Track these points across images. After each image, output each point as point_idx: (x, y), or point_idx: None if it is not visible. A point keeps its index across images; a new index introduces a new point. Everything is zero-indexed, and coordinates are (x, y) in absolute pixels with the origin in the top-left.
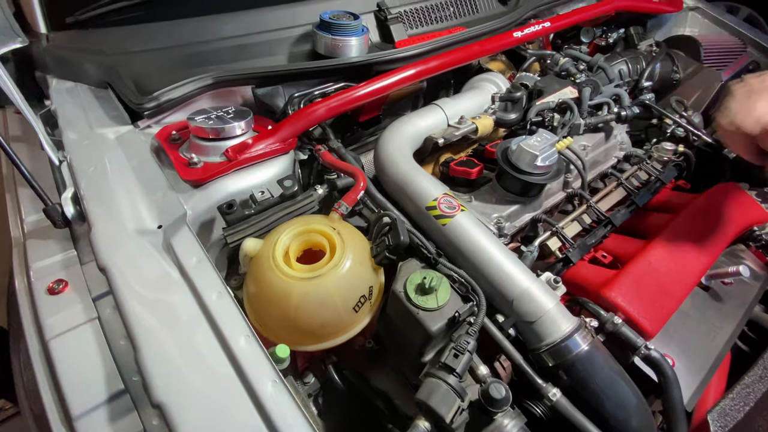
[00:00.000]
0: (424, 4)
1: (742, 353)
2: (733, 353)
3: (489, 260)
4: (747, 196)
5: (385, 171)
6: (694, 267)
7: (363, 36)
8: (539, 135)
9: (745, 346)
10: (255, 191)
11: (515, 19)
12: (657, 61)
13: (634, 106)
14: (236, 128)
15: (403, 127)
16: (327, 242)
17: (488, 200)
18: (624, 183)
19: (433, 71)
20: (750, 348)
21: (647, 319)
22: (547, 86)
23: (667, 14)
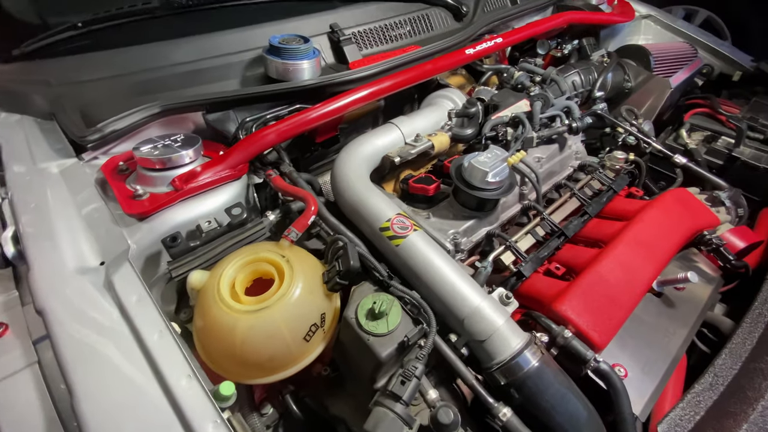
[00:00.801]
0: (377, 24)
1: (704, 356)
2: (695, 356)
3: (441, 279)
4: (697, 201)
5: (340, 193)
6: (643, 275)
7: (314, 59)
8: (490, 151)
9: (706, 348)
10: (202, 221)
11: (469, 36)
12: (608, 71)
13: (587, 116)
14: (184, 157)
15: (358, 148)
16: (276, 271)
17: (446, 216)
18: (577, 193)
19: (387, 91)
20: (711, 350)
21: (596, 331)
22: (503, 100)
23: (619, 24)
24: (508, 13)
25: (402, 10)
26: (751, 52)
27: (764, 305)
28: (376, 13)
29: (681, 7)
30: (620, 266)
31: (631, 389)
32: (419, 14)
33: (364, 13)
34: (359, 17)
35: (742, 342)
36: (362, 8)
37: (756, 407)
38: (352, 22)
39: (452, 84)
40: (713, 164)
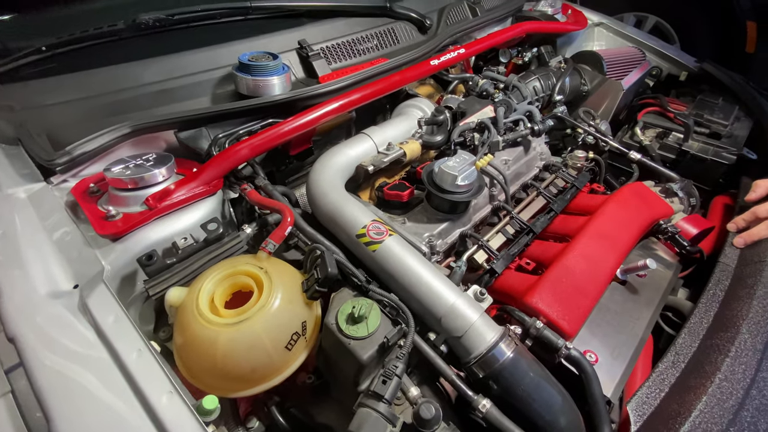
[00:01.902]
0: (345, 39)
1: (670, 337)
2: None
3: (417, 280)
4: (652, 193)
5: (316, 203)
6: (606, 265)
7: (284, 74)
8: (458, 156)
9: (671, 330)
10: (178, 238)
11: (434, 47)
12: (565, 76)
13: (549, 119)
14: (157, 175)
15: (332, 159)
16: (254, 283)
17: (420, 220)
18: (542, 192)
19: (357, 103)
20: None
21: (566, 320)
22: (469, 107)
23: (574, 32)
24: (470, 24)
25: (368, 24)
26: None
27: (717, 286)
28: (344, 29)
29: (632, 14)
30: (585, 258)
31: (602, 373)
32: (385, 28)
33: (331, 28)
34: (327, 33)
35: (700, 321)
36: (329, 24)
37: (713, 380)
38: (320, 38)
39: (421, 93)
40: (666, 158)
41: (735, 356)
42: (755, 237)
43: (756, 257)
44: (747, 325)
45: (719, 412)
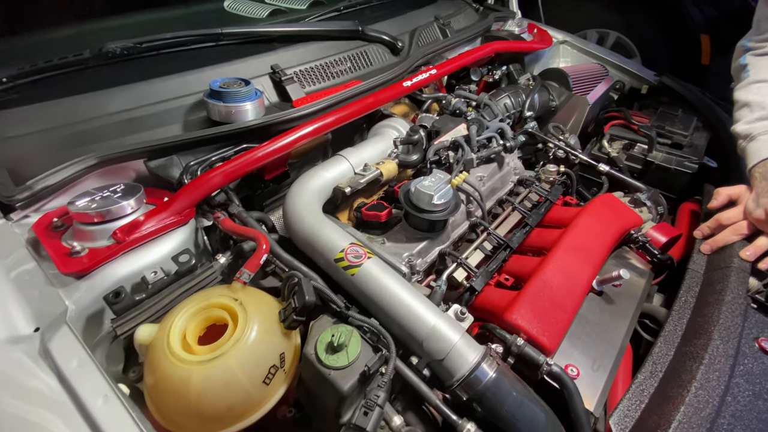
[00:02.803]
0: (319, 62)
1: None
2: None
3: (397, 303)
4: (622, 204)
5: (293, 228)
6: (582, 278)
7: (257, 99)
8: (433, 175)
9: (650, 337)
10: (147, 272)
11: (407, 68)
12: (534, 93)
13: (520, 135)
14: (125, 207)
15: (308, 182)
16: (229, 315)
17: (400, 240)
18: (517, 206)
19: (331, 126)
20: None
21: (545, 336)
22: (443, 125)
23: (540, 50)
24: (441, 45)
25: (342, 48)
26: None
27: (688, 293)
28: (317, 52)
29: (594, 30)
30: (561, 271)
31: (585, 386)
32: (358, 51)
33: (304, 52)
34: (300, 57)
35: (674, 329)
36: (302, 48)
37: (690, 389)
38: (294, 62)
39: (397, 113)
40: (633, 169)
41: (709, 363)
42: (720, 243)
43: (722, 263)
44: (718, 331)
45: (697, 421)
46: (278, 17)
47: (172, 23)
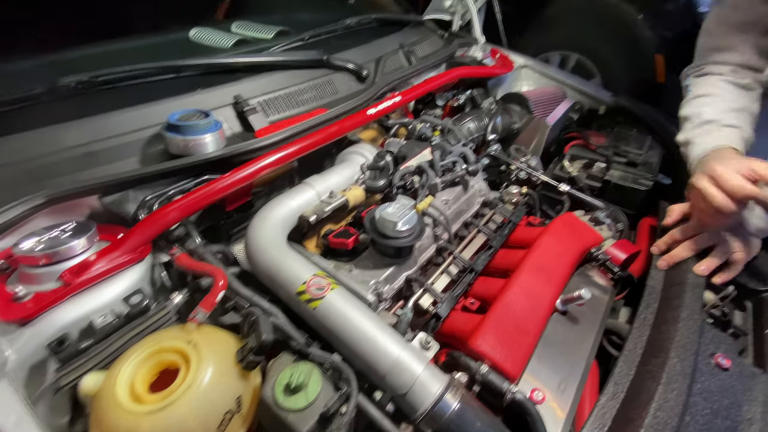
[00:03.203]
0: (283, 91)
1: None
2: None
3: (360, 336)
4: (582, 223)
5: (254, 261)
6: (545, 299)
7: (217, 131)
8: (397, 202)
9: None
10: (96, 316)
11: (372, 95)
12: (496, 116)
13: (483, 157)
14: (74, 247)
15: (271, 212)
16: (181, 359)
17: (367, 266)
18: (482, 229)
19: (295, 155)
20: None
21: (509, 362)
22: (409, 151)
23: (502, 74)
24: (406, 72)
25: (307, 76)
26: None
27: (647, 310)
28: (282, 81)
29: (557, 52)
30: (524, 294)
31: (551, 409)
32: (324, 79)
33: (269, 82)
34: (264, 86)
35: (634, 347)
36: (266, 78)
37: (649, 410)
38: (258, 91)
39: (365, 138)
40: (593, 187)
41: (666, 383)
42: (676, 259)
43: (678, 278)
44: (675, 349)
45: None
46: (244, 47)
47: (136, 53)
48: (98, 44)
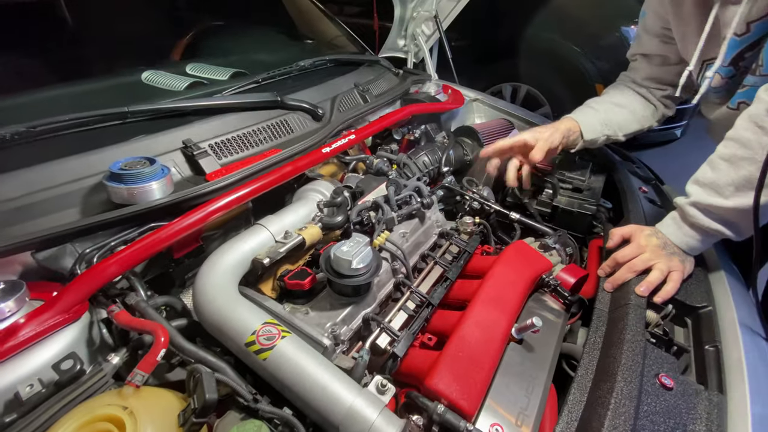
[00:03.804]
0: (236, 133)
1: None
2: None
3: (312, 385)
4: (532, 250)
5: (201, 312)
6: (499, 329)
7: (164, 177)
8: (352, 240)
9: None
10: (22, 386)
11: (328, 133)
12: (449, 149)
13: (438, 189)
14: (1, 310)
15: (222, 258)
16: (117, 428)
17: (324, 307)
18: (438, 261)
19: (246, 198)
20: None
21: (464, 399)
22: (366, 186)
23: (454, 109)
24: (361, 110)
25: (261, 117)
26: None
27: (596, 333)
28: (235, 123)
29: (508, 84)
30: (478, 326)
31: None
32: (279, 120)
33: (221, 124)
34: (216, 129)
35: (585, 373)
36: (219, 120)
37: None
38: (210, 134)
39: (325, 173)
40: (544, 213)
41: (614, 408)
42: (619, 281)
43: (623, 300)
44: (621, 372)
45: None
46: (197, 89)
47: (86, 97)
48: (45, 89)
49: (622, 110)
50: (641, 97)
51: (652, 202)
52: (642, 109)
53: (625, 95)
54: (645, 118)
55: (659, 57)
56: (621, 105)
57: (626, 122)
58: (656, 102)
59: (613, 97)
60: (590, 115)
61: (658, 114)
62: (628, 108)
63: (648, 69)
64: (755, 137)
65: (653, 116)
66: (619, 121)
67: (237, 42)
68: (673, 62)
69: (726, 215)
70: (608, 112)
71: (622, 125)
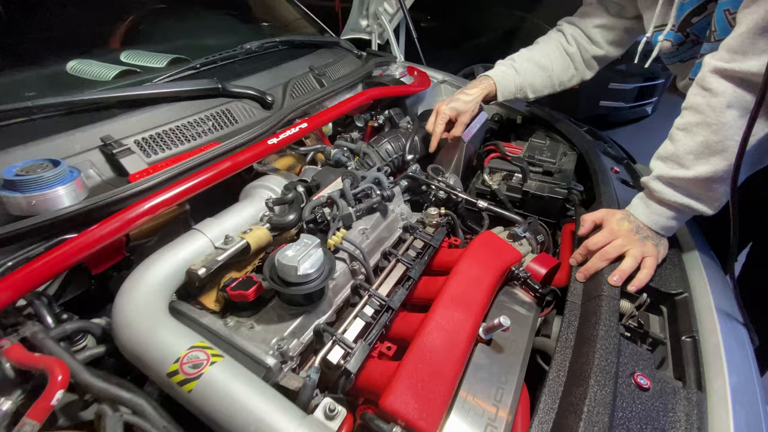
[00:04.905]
0: (170, 126)
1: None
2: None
3: (246, 419)
4: (501, 241)
5: (118, 338)
6: (464, 333)
7: (73, 181)
8: (298, 243)
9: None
10: None
11: (278, 122)
12: (413, 136)
13: (403, 179)
14: None
15: (149, 271)
16: None
17: (272, 320)
18: (401, 258)
19: (176, 199)
20: None
21: (424, 419)
22: (323, 179)
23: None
24: (318, 95)
25: (200, 107)
26: None
27: (569, 329)
28: (167, 115)
29: (480, 65)
30: (441, 331)
31: None
32: (220, 110)
33: (151, 117)
34: (145, 122)
35: (557, 375)
36: (148, 112)
37: None
38: (136, 129)
39: (280, 166)
40: (514, 199)
41: (588, 417)
42: (591, 270)
43: (595, 291)
44: (595, 375)
45: None
46: (128, 78)
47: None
48: None
49: (542, 73)
50: (568, 60)
51: (624, 183)
52: (562, 73)
53: (551, 56)
54: (561, 84)
55: (617, 5)
56: (543, 67)
57: (542, 86)
58: (581, 64)
59: (538, 57)
60: (510, 79)
61: (577, 78)
62: (548, 71)
63: (600, 17)
64: (704, 100)
65: (570, 81)
66: (536, 84)
67: (183, 26)
68: (627, 15)
69: (690, 186)
70: (528, 76)
71: (537, 88)
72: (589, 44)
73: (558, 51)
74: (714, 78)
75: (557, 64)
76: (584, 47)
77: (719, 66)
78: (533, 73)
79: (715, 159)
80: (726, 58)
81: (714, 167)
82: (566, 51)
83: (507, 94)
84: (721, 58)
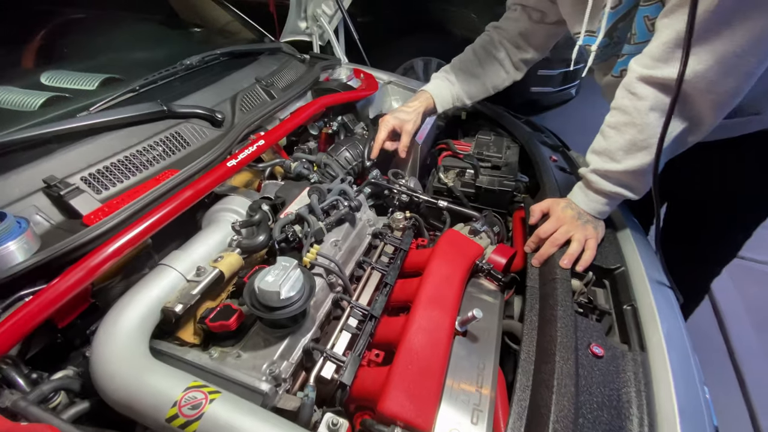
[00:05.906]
0: (118, 157)
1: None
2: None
3: None
4: (463, 237)
5: (104, 392)
6: (443, 329)
7: (23, 234)
8: (276, 266)
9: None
10: None
11: (233, 139)
12: (369, 141)
13: (366, 186)
14: None
15: (122, 315)
16: None
17: (258, 345)
18: (375, 265)
19: (140, 238)
20: None
21: (420, 416)
22: (287, 194)
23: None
24: (269, 108)
25: (147, 133)
26: None
27: (531, 312)
28: (112, 145)
29: (419, 59)
30: (423, 331)
31: None
32: (169, 133)
33: (95, 148)
34: (89, 156)
35: (528, 356)
36: (90, 144)
37: (549, 425)
38: (81, 165)
39: (238, 183)
40: (469, 194)
41: (558, 389)
42: (544, 256)
43: (550, 275)
44: (559, 351)
45: None
46: (58, 105)
47: None
48: None
49: (475, 80)
50: (498, 65)
51: (563, 170)
52: (494, 77)
53: (482, 63)
54: (495, 87)
55: (539, 12)
56: (475, 75)
57: (477, 92)
58: (510, 68)
59: (469, 66)
60: (445, 90)
61: (509, 80)
62: (481, 78)
63: (523, 23)
64: (631, 103)
65: (503, 84)
66: (471, 91)
67: (105, 38)
68: (549, 21)
69: (621, 178)
70: (462, 84)
71: (472, 95)
72: (515, 49)
73: (488, 57)
74: (639, 84)
75: (488, 70)
76: (512, 51)
77: (644, 73)
78: (467, 81)
79: (641, 154)
80: (649, 65)
81: (640, 161)
82: (495, 57)
83: (445, 104)
84: (645, 65)
